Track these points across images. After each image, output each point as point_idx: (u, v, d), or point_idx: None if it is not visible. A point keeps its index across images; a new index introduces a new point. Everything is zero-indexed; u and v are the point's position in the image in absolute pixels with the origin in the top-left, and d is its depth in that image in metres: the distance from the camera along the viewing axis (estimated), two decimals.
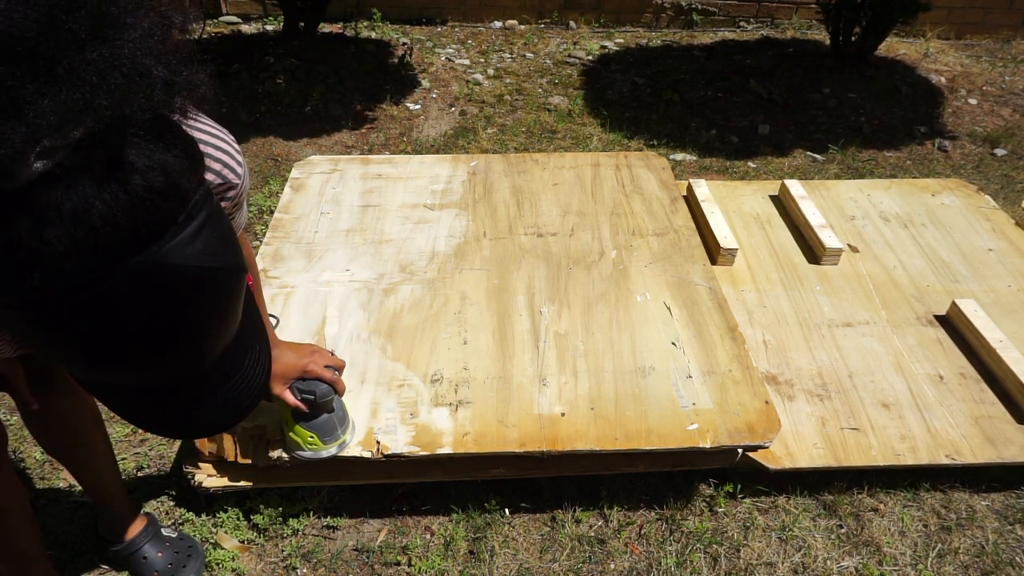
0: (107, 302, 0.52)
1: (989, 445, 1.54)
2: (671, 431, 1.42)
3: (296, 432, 1.33)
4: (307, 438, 1.34)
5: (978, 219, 2.24)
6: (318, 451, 1.35)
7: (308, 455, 1.35)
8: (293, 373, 1.25)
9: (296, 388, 1.26)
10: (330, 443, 1.35)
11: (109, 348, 0.56)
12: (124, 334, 0.55)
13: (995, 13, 4.02)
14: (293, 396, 1.26)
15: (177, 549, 1.42)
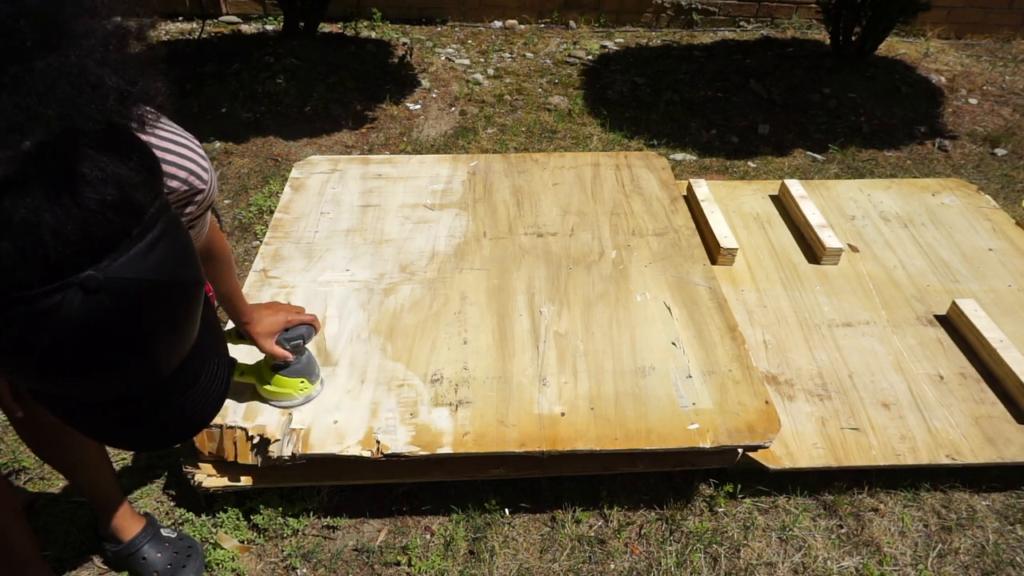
0: (57, 316, 0.51)
1: (989, 445, 1.54)
2: (671, 431, 1.42)
3: (283, 384, 1.40)
4: (297, 385, 1.41)
5: (978, 219, 2.24)
6: (310, 393, 1.44)
7: (301, 400, 1.43)
8: (278, 328, 1.34)
9: (283, 340, 1.34)
10: (315, 382, 1.45)
11: (60, 362, 0.54)
12: (76, 348, 0.54)
13: (995, 13, 4.02)
14: (283, 348, 1.34)
15: (177, 549, 1.41)
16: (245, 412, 1.42)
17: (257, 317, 1.32)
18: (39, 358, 0.54)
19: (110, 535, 1.40)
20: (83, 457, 1.31)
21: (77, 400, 0.62)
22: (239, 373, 1.44)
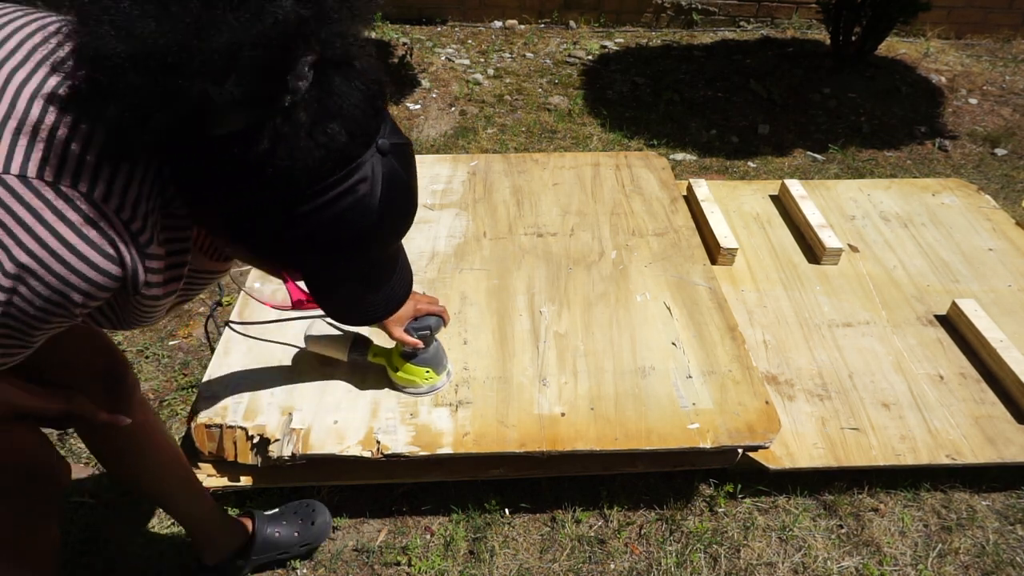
0: (369, 180, 0.66)
1: (989, 445, 1.54)
2: (671, 431, 1.42)
3: (411, 372, 1.44)
4: (423, 374, 1.44)
5: (978, 219, 2.24)
6: (435, 383, 1.47)
7: (425, 389, 1.46)
8: (408, 316, 1.38)
9: (411, 328, 1.38)
10: (441, 373, 1.47)
11: (369, 221, 0.68)
12: (380, 206, 0.67)
13: (995, 13, 4.02)
14: (411, 336, 1.38)
15: (295, 511, 1.44)
16: (245, 412, 1.42)
17: None
18: (358, 222, 0.67)
19: (225, 545, 1.36)
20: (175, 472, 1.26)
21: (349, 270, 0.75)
22: (372, 354, 1.47)
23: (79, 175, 0.62)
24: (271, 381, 1.49)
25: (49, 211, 0.61)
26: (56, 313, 0.67)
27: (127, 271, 0.68)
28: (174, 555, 1.45)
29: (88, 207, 0.63)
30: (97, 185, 0.63)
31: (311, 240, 0.68)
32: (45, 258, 0.62)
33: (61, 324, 0.70)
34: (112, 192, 0.64)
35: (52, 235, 0.62)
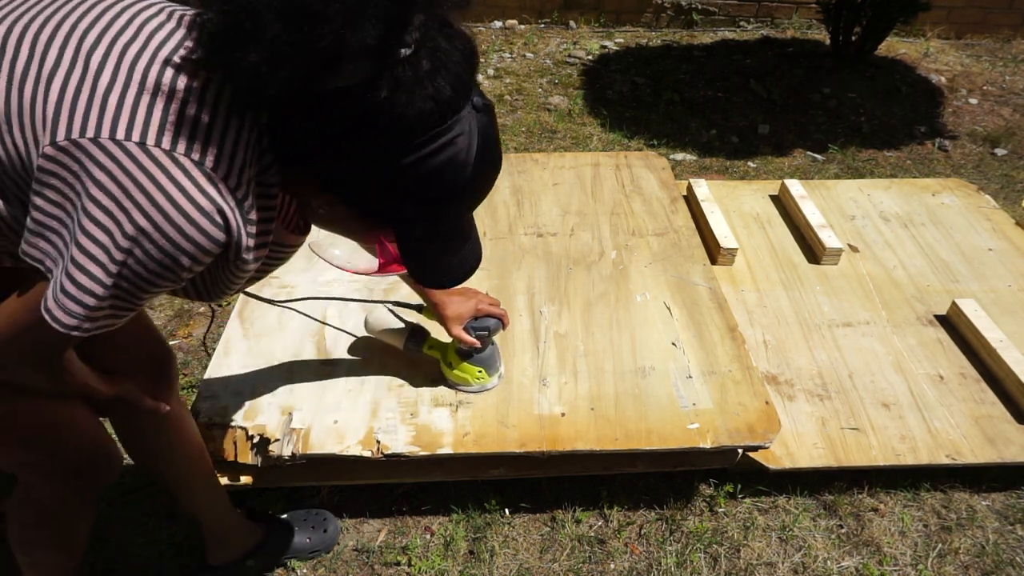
0: (467, 133, 0.69)
1: (989, 445, 1.54)
2: (671, 431, 1.42)
3: (464, 369, 1.45)
4: (475, 373, 1.45)
5: (978, 219, 2.24)
6: (485, 383, 1.47)
7: (476, 388, 1.47)
8: (468, 314, 1.39)
9: (470, 327, 1.39)
10: (493, 375, 1.48)
11: (466, 174, 0.71)
12: (476, 159, 0.71)
13: (995, 13, 4.02)
14: (469, 335, 1.38)
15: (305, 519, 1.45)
16: (245, 412, 1.42)
17: (448, 300, 1.36)
18: (456, 174, 0.70)
19: (238, 546, 1.37)
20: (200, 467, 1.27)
21: (441, 226, 0.78)
22: (427, 346, 1.49)
23: (192, 144, 0.66)
24: (271, 381, 1.49)
25: (166, 178, 0.65)
26: (165, 277, 0.70)
27: (232, 236, 0.71)
28: (174, 555, 1.45)
29: (199, 174, 0.66)
30: (208, 153, 0.67)
31: (412, 192, 0.71)
32: (161, 222, 0.66)
33: (166, 288, 0.73)
34: (220, 160, 0.68)
35: (168, 201, 0.65)
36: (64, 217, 0.68)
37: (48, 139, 0.65)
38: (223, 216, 0.69)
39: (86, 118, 0.65)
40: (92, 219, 0.65)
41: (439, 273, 0.84)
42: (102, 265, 0.67)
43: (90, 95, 0.65)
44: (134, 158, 0.64)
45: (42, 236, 0.69)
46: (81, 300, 0.69)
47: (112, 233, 0.66)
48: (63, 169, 0.65)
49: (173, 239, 0.67)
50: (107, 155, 0.64)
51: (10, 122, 0.67)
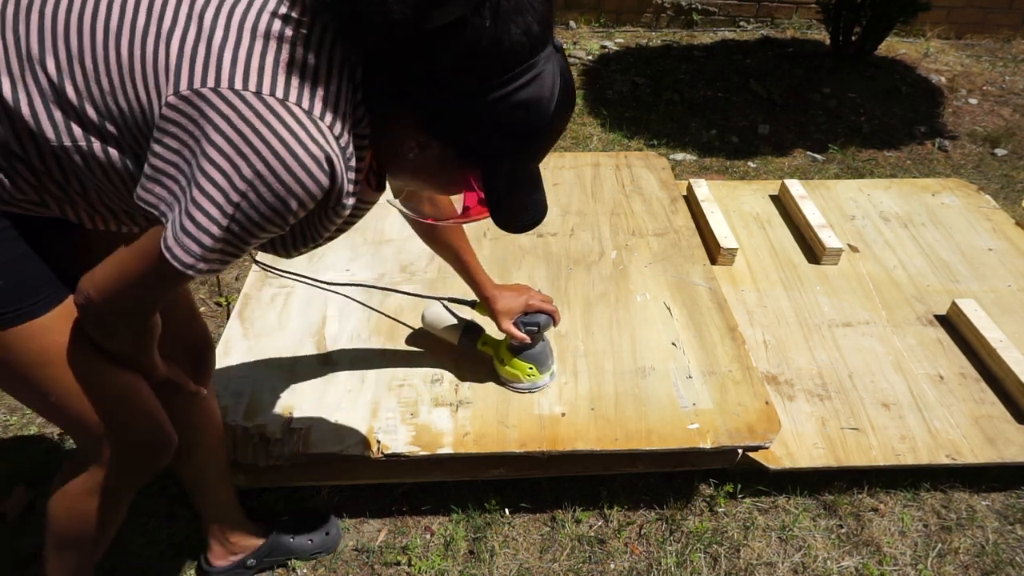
0: (551, 73, 0.73)
1: (989, 445, 1.54)
2: (671, 431, 1.42)
3: (514, 365, 1.45)
4: (526, 370, 1.45)
5: (978, 219, 2.24)
6: (535, 381, 1.47)
7: (526, 385, 1.47)
8: (519, 309, 1.41)
9: (521, 323, 1.40)
10: (544, 372, 1.47)
11: (549, 114, 0.75)
12: (558, 99, 0.74)
13: (995, 13, 4.02)
14: (519, 330, 1.39)
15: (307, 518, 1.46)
16: (245, 412, 1.42)
17: (499, 295, 1.39)
18: (541, 109, 0.74)
19: (240, 546, 1.37)
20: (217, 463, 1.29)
21: (524, 165, 0.82)
22: (481, 342, 1.50)
23: (302, 93, 0.71)
24: (271, 381, 1.49)
25: (281, 125, 0.70)
26: (273, 221, 0.74)
27: (335, 183, 0.76)
28: (174, 555, 1.45)
29: (309, 123, 0.71)
30: (316, 103, 0.71)
31: (503, 126, 0.74)
32: (276, 167, 0.70)
33: (272, 233, 0.77)
34: (326, 110, 0.72)
35: (283, 147, 0.70)
36: (181, 163, 0.71)
37: (171, 89, 0.70)
38: (330, 163, 0.73)
39: (206, 70, 0.69)
40: (212, 162, 0.70)
41: (519, 215, 0.87)
42: (219, 206, 0.71)
43: (207, 50, 0.70)
44: (252, 106, 0.69)
45: (158, 182, 0.73)
46: (199, 239, 0.72)
47: (230, 176, 0.70)
48: (184, 117, 0.70)
49: (286, 183, 0.71)
50: (227, 103, 0.69)
51: (133, 76, 0.71)
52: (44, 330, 0.85)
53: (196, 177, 0.70)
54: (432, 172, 0.84)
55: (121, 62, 0.72)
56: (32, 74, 0.73)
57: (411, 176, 0.88)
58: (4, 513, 1.51)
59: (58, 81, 0.72)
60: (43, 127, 0.74)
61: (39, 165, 0.78)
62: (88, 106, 0.73)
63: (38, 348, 0.85)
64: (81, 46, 0.72)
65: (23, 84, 0.73)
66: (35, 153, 0.76)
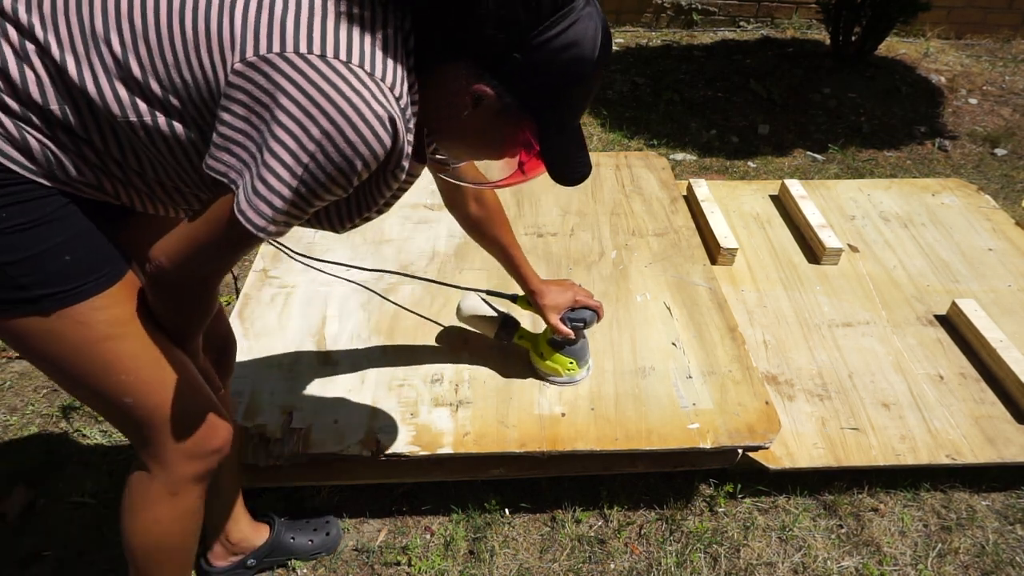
0: (583, 20, 0.78)
1: (989, 445, 1.54)
2: (671, 431, 1.42)
3: (556, 360, 1.46)
4: (567, 364, 1.46)
5: (978, 219, 2.24)
6: (575, 375, 1.48)
7: (565, 379, 1.48)
8: (566, 305, 1.42)
9: (567, 318, 1.41)
10: (583, 367, 1.49)
11: (593, 59, 0.79)
12: (600, 46, 0.80)
13: (995, 13, 4.02)
14: (565, 325, 1.40)
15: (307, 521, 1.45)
16: (245, 412, 1.42)
17: (546, 290, 1.41)
18: (586, 54, 0.78)
19: (241, 546, 1.37)
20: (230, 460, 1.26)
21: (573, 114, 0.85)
22: (518, 336, 1.50)
23: (363, 56, 0.73)
24: (271, 381, 1.49)
25: (348, 86, 0.72)
26: (338, 182, 0.76)
27: (396, 143, 0.78)
28: None
29: (372, 84, 0.73)
30: (376, 65, 0.74)
31: (555, 65, 0.77)
32: (344, 126, 0.72)
33: (337, 195, 0.79)
34: (386, 72, 0.75)
35: (351, 107, 0.72)
36: (249, 130, 0.73)
37: (238, 57, 0.72)
38: (392, 123, 0.75)
39: (270, 36, 0.72)
40: (281, 125, 0.72)
41: (574, 167, 0.89)
42: (289, 168, 0.73)
43: (269, 17, 0.73)
44: (318, 69, 0.71)
45: (227, 150, 0.75)
46: (271, 201, 0.74)
47: (299, 138, 0.72)
48: (250, 84, 0.72)
49: (352, 142, 0.73)
50: (293, 67, 0.71)
51: (198, 48, 0.74)
52: (112, 302, 0.87)
53: (267, 141, 0.72)
54: (486, 129, 0.85)
55: (186, 35, 0.74)
56: (97, 51, 0.74)
57: (462, 138, 0.89)
58: (4, 513, 1.51)
59: (123, 57, 0.74)
60: (108, 103, 0.76)
61: (100, 144, 0.80)
62: (152, 80, 0.75)
63: (108, 319, 0.87)
64: (145, 23, 0.74)
65: (87, 62, 0.74)
66: (96, 131, 0.78)
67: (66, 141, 0.79)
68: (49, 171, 0.80)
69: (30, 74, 0.75)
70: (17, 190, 0.78)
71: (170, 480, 0.99)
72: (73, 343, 0.86)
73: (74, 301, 0.83)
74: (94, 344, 0.87)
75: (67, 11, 0.75)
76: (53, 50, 0.74)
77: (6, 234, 0.78)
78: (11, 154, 0.77)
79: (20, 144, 0.77)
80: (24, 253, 0.79)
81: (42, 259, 0.80)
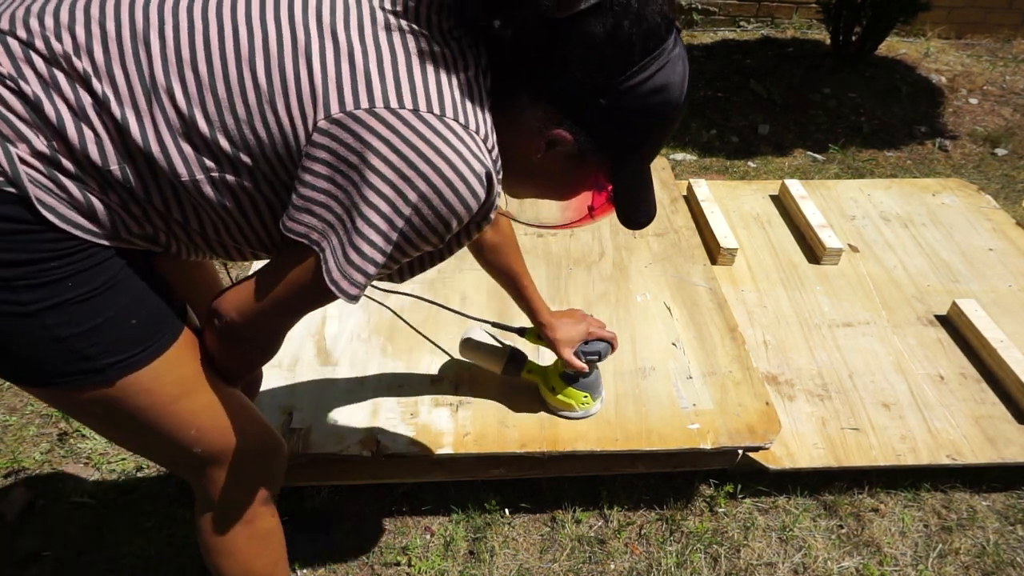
0: (673, 61, 0.71)
1: (989, 445, 1.54)
2: (671, 432, 1.42)
3: (568, 395, 1.39)
4: (581, 398, 1.40)
5: (978, 219, 2.24)
6: (589, 408, 1.42)
7: (580, 414, 1.42)
8: (580, 338, 1.34)
9: (581, 351, 1.33)
10: (597, 399, 1.43)
11: (678, 99, 0.73)
12: (683, 83, 0.73)
13: (995, 13, 4.02)
14: (579, 360, 1.33)
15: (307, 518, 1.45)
16: None
17: (558, 323, 1.32)
18: (673, 93, 0.73)
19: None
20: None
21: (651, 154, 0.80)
22: (526, 371, 1.43)
23: (455, 107, 0.68)
24: (271, 381, 1.49)
25: (444, 143, 0.67)
26: (430, 240, 0.72)
27: (491, 196, 0.74)
28: (174, 555, 1.45)
29: (468, 138, 0.69)
30: (470, 115, 0.69)
31: (639, 111, 0.72)
32: (443, 188, 0.68)
33: (426, 251, 0.75)
34: (479, 123, 0.70)
35: (449, 166, 0.67)
36: (336, 191, 0.68)
37: (321, 113, 0.66)
38: (489, 179, 0.71)
39: (355, 89, 0.66)
40: (374, 188, 0.67)
41: (643, 211, 0.86)
42: (384, 234, 0.69)
43: (351, 68, 0.67)
44: (411, 126, 0.66)
45: (308, 211, 0.70)
46: (365, 270, 0.71)
47: (394, 202, 0.67)
48: (336, 143, 0.67)
49: (451, 204, 0.69)
50: (384, 124, 0.66)
51: (273, 100, 0.67)
52: (176, 362, 0.82)
53: (358, 205, 0.67)
54: (558, 173, 0.80)
55: (259, 87, 0.67)
56: (160, 105, 0.67)
57: (532, 180, 0.84)
58: (4, 513, 1.51)
59: (187, 111, 0.67)
60: (173, 162, 0.69)
61: (161, 206, 0.73)
62: (221, 136, 0.69)
63: (174, 380, 0.82)
64: (212, 72, 0.67)
65: (151, 118, 0.67)
66: (157, 192, 0.72)
67: (127, 201, 0.72)
68: (113, 232, 0.73)
69: (89, 133, 0.67)
70: (81, 256, 0.71)
71: (244, 509, 0.98)
72: (140, 408, 0.81)
73: (140, 366, 0.78)
74: (162, 408, 0.83)
75: (123, 58, 0.66)
76: (112, 105, 0.66)
77: (72, 304, 0.72)
78: (76, 220, 0.70)
79: (85, 208, 0.70)
80: (90, 323, 0.73)
81: (108, 327, 0.75)
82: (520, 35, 0.68)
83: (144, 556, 1.45)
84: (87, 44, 0.66)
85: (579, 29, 0.67)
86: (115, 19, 0.67)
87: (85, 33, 0.66)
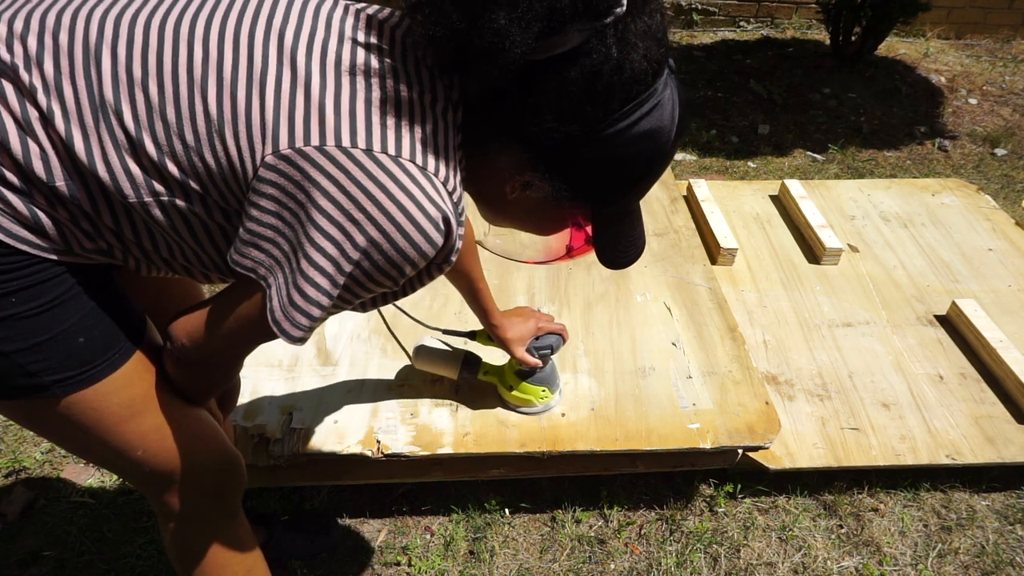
0: (661, 106, 0.67)
1: (989, 445, 1.54)
2: (671, 432, 1.42)
3: (525, 390, 1.41)
4: (539, 393, 1.41)
5: (978, 219, 2.24)
6: (549, 402, 1.44)
7: (540, 408, 1.43)
8: (530, 335, 1.34)
9: (533, 347, 1.35)
10: (555, 391, 1.44)
11: (667, 141, 0.69)
12: (673, 125, 0.69)
13: (995, 13, 4.02)
14: (533, 356, 1.34)
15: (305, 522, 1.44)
16: (245, 412, 1.42)
17: (508, 323, 1.32)
18: (663, 137, 0.68)
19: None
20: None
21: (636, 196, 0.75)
22: (482, 372, 1.43)
23: (414, 147, 0.65)
24: (271, 381, 1.49)
25: (396, 187, 0.64)
26: (383, 285, 0.69)
27: (449, 241, 0.71)
28: None
29: (425, 181, 0.65)
30: (428, 156, 0.66)
31: (621, 160, 0.69)
32: (393, 234, 0.65)
33: (376, 294, 0.73)
34: (439, 162, 0.67)
35: (400, 212, 0.64)
36: (281, 227, 0.66)
37: (270, 148, 0.64)
38: (447, 223, 0.68)
39: (307, 125, 0.63)
40: (321, 231, 0.64)
41: (626, 252, 0.82)
42: (330, 277, 0.66)
43: (305, 100, 0.64)
44: (363, 166, 0.63)
45: (255, 246, 0.68)
46: (309, 313, 0.68)
47: (342, 246, 0.65)
48: (284, 179, 0.64)
49: (402, 249, 0.66)
50: (334, 164, 0.63)
51: (223, 130, 0.65)
52: (125, 382, 0.80)
53: (303, 246, 0.65)
54: (533, 212, 0.77)
55: (209, 114, 0.64)
56: (107, 125, 0.65)
57: (508, 217, 0.81)
58: (4, 513, 1.51)
59: (136, 134, 0.65)
60: (120, 183, 0.67)
61: (111, 224, 0.71)
62: (169, 161, 0.66)
63: (122, 401, 0.80)
64: (163, 95, 0.64)
65: (97, 137, 0.65)
66: (108, 211, 0.70)
67: (77, 217, 0.70)
68: (65, 247, 0.71)
69: (34, 147, 0.65)
70: (27, 272, 0.69)
71: (204, 523, 0.97)
72: (85, 426, 0.79)
73: (87, 385, 0.76)
74: (108, 428, 0.81)
75: (73, 74, 0.64)
76: (57, 121, 0.64)
77: (17, 320, 0.69)
78: (21, 234, 0.68)
79: (31, 223, 0.68)
80: (35, 339, 0.71)
81: (54, 344, 0.73)
82: (493, 78, 0.65)
83: (144, 556, 1.45)
84: (38, 56, 0.64)
85: (553, 76, 0.63)
86: (69, 31, 0.65)
87: (37, 44, 0.64)
